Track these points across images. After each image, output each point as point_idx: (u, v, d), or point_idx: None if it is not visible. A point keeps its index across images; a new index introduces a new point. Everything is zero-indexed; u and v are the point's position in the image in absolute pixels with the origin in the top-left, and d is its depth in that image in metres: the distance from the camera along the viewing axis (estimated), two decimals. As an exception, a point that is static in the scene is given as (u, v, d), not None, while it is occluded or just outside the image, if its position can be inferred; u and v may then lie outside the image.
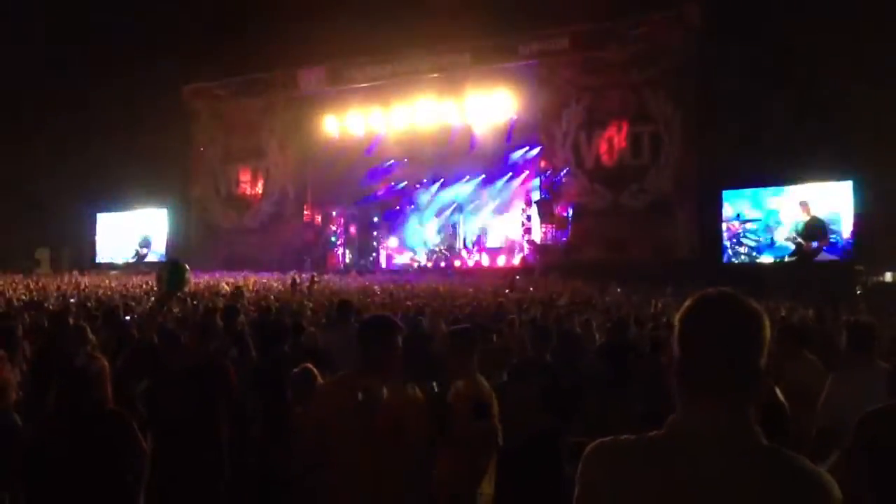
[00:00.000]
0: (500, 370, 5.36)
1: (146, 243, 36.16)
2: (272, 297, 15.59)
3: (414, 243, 32.48)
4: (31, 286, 18.66)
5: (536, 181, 28.93)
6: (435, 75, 29.96)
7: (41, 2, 30.92)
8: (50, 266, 32.40)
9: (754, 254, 25.23)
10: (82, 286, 19.66)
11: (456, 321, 8.53)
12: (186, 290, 6.18)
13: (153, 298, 11.83)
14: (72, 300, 14.04)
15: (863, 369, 4.14)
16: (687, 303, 1.70)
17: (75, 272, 26.89)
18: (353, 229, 33.64)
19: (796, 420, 3.10)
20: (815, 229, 24.10)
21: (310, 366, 4.52)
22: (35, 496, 3.44)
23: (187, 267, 6.06)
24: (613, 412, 5.92)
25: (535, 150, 29.02)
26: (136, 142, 30.77)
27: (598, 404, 5.85)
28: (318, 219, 33.21)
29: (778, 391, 4.12)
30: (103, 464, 3.36)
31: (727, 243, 25.55)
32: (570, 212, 27.32)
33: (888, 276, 25.45)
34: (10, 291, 16.51)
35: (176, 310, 10.11)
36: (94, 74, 31.49)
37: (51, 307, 11.38)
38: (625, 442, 1.68)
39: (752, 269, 24.45)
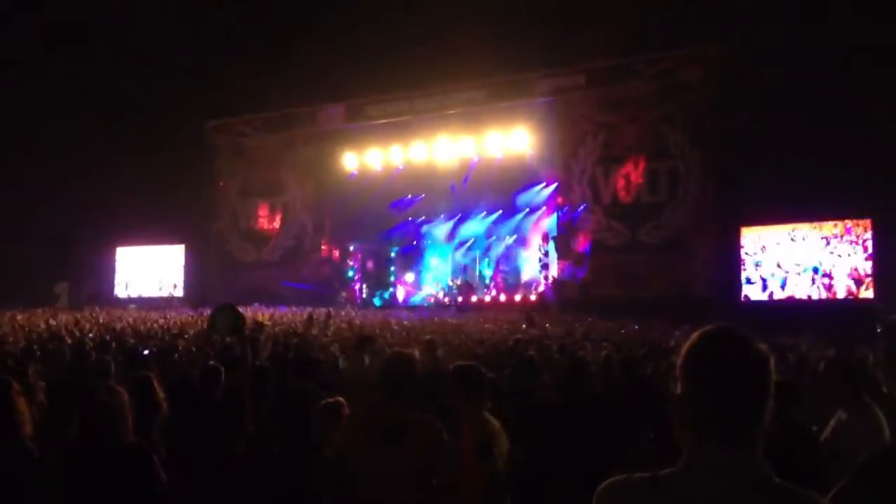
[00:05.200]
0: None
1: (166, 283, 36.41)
2: (290, 331, 15.59)
3: (431, 279, 32.51)
4: (50, 321, 18.74)
5: (553, 217, 28.92)
6: (452, 112, 30.11)
7: (64, 35, 31.40)
8: (69, 300, 32.58)
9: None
10: (100, 320, 19.75)
11: (473, 358, 8.51)
12: (244, 330, 6.14)
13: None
14: (89, 335, 14.10)
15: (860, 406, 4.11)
16: (691, 340, 1.73)
17: (96, 307, 27.02)
18: (370, 264, 33.71)
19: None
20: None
21: (340, 399, 4.51)
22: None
23: (238, 311, 6.04)
24: (626, 447, 5.88)
25: (552, 187, 29.03)
26: (157, 177, 31.07)
27: (608, 439, 5.80)
28: (336, 254, 33.32)
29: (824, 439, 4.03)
30: (125, 496, 3.38)
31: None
32: (588, 248, 27.24)
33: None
34: (29, 325, 16.63)
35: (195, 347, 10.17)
36: (117, 109, 31.97)
37: (70, 341, 11.45)
38: (637, 480, 1.70)
39: (771, 307, 24.26)
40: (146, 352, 9.22)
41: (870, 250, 23.60)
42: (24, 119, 31.94)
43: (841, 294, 23.92)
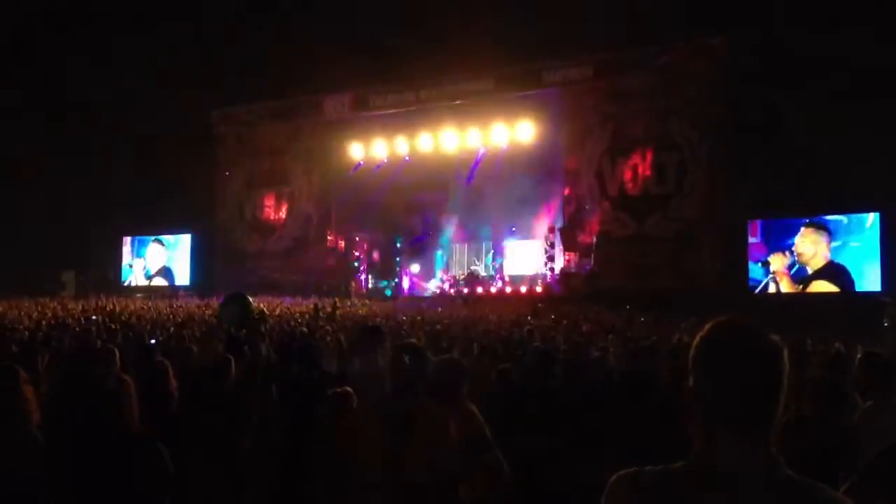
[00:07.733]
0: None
1: (165, 271, 36.44)
2: (293, 322, 15.60)
3: (436, 269, 32.49)
4: (57, 309, 18.79)
5: (560, 208, 28.85)
6: (459, 102, 30.03)
7: (68, 25, 31.42)
8: (75, 289, 32.65)
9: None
10: (107, 309, 19.78)
11: (481, 349, 8.52)
12: (252, 321, 6.13)
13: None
14: (96, 323, 14.12)
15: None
16: (702, 331, 1.70)
17: (102, 296, 27.05)
18: (375, 255, 33.70)
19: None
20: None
21: (348, 389, 4.50)
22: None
23: (248, 301, 6.01)
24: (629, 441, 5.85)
25: (559, 178, 28.95)
26: (163, 166, 31.11)
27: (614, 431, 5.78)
28: (342, 244, 33.30)
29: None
30: (131, 485, 3.37)
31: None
32: (595, 240, 27.18)
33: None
34: (36, 313, 16.67)
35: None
36: (122, 98, 32.00)
37: (77, 329, 11.48)
38: (648, 473, 1.68)
39: (779, 299, 24.19)
40: (152, 341, 9.25)
41: (877, 243, 23.53)
42: (29, 109, 31.97)
43: (848, 287, 23.85)
